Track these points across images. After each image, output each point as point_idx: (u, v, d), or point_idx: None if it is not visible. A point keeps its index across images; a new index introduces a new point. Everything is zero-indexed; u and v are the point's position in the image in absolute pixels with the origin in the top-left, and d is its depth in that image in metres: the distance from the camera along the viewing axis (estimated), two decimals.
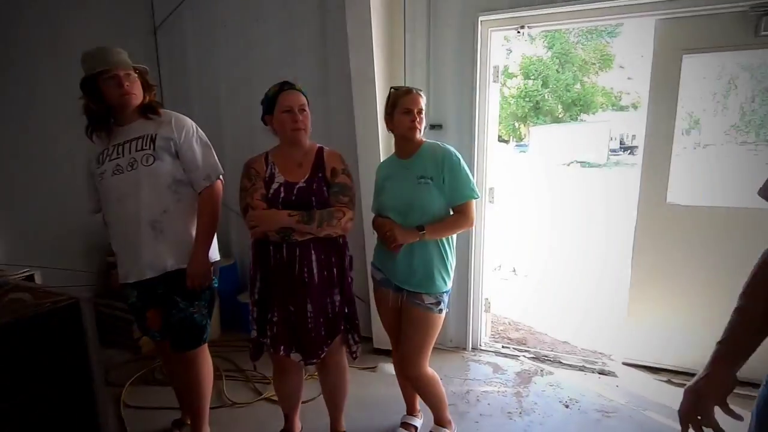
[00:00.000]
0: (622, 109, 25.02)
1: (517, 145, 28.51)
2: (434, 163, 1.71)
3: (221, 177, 1.82)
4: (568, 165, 19.65)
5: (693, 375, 2.03)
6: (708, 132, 2.81)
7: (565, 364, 2.73)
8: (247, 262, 1.98)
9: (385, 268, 1.84)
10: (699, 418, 0.91)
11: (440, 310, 1.78)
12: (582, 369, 2.68)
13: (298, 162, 1.68)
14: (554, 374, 2.61)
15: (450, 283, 1.81)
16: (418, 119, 1.71)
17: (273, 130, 1.70)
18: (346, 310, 1.75)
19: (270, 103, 1.66)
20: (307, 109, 1.67)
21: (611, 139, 21.28)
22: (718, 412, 0.90)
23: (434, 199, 1.70)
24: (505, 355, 2.84)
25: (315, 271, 1.66)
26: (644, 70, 2.53)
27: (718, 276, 2.37)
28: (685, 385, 0.96)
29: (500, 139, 31.87)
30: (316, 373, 2.11)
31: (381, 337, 2.64)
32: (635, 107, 23.48)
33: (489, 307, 2.98)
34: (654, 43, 2.39)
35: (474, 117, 2.59)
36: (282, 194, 1.63)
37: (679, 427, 0.97)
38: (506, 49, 21.55)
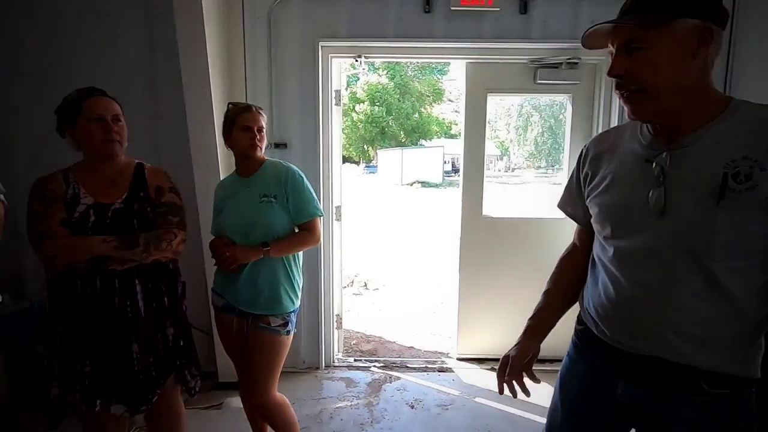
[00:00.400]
0: (452, 136, 28.83)
1: (367, 167, 30.23)
2: (277, 181, 1.68)
3: (3, 199, 1.47)
4: (411, 185, 21.65)
5: None
6: (515, 158, 3.42)
7: (410, 368, 2.95)
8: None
9: (227, 292, 1.73)
10: (510, 378, 1.12)
11: (288, 332, 1.74)
12: (425, 370, 2.93)
13: (112, 180, 1.47)
14: (401, 379, 2.79)
15: (298, 303, 1.79)
16: (258, 137, 1.68)
17: (75, 142, 1.45)
18: (182, 343, 1.57)
19: (71, 110, 1.41)
20: (122, 119, 1.47)
21: (445, 162, 24.34)
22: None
23: (278, 217, 1.67)
24: (357, 368, 2.92)
25: (141, 303, 1.45)
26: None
27: (526, 273, 2.88)
28: None
29: (351, 161, 33.35)
30: (144, 426, 1.83)
31: (226, 369, 2.44)
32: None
33: (341, 323, 3.04)
34: (466, 82, 2.85)
35: (318, 138, 2.67)
36: (92, 218, 1.40)
37: (501, 407, 1.17)
38: (354, 76, 22.85)
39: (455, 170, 27.94)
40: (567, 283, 1.14)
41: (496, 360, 3.02)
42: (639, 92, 0.85)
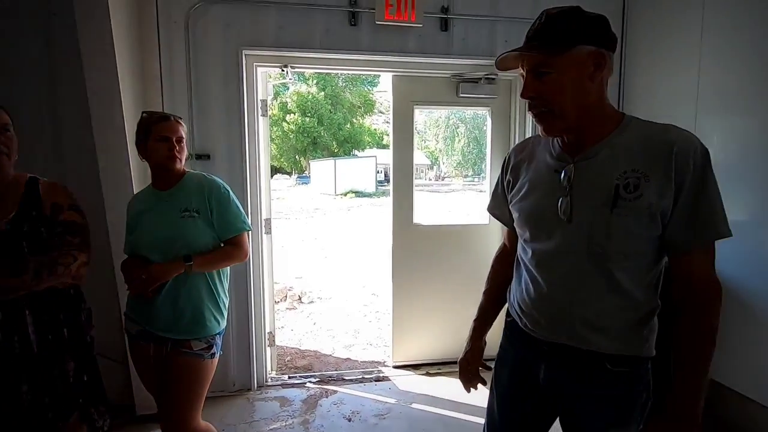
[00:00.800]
0: (385, 146, 29.36)
1: (299, 177, 29.71)
2: (200, 195, 1.58)
3: None
4: (345, 195, 21.62)
5: (443, 364, 2.49)
6: (444, 167, 3.55)
7: (347, 380, 2.91)
8: None
9: (143, 317, 1.58)
10: (469, 374, 1.26)
11: (212, 355, 1.62)
12: (362, 381, 2.91)
13: None
14: (338, 392, 2.74)
15: (223, 323, 1.69)
16: (177, 148, 1.57)
17: None
18: (85, 378, 1.41)
19: None
20: (11, 129, 1.31)
21: (378, 172, 24.66)
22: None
23: (201, 233, 1.57)
24: (292, 386, 2.82)
25: (33, 337, 1.28)
26: None
27: (457, 278, 2.99)
28: (438, 373, 1.35)
29: (283, 171, 32.58)
30: None
31: (145, 401, 2.23)
32: None
33: (273, 340, 2.93)
34: (392, 94, 2.92)
35: (244, 149, 2.57)
36: None
37: (436, 411, 1.26)
38: (283, 85, 22.43)
39: (388, 180, 28.41)
40: (502, 281, 1.25)
41: (431, 365, 3.13)
42: (548, 112, 0.94)
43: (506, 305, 1.22)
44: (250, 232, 1.72)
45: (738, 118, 2.23)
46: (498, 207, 1.21)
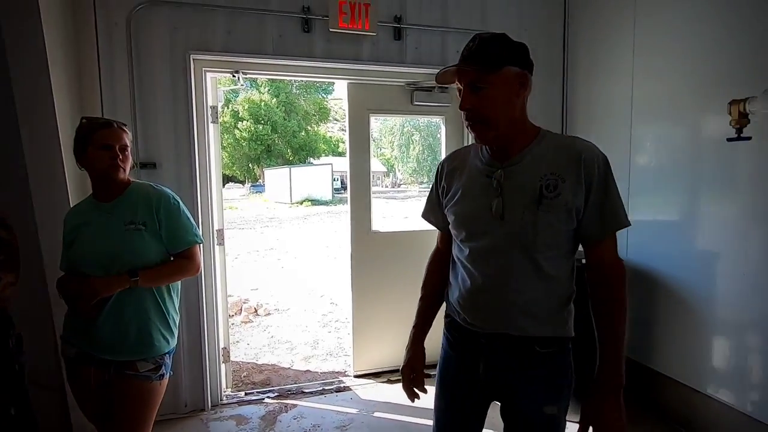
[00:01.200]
0: (340, 154, 29.28)
1: (252, 186, 28.93)
2: (147, 206, 1.49)
3: None
4: (301, 203, 21.29)
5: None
6: (400, 174, 3.57)
7: (307, 393, 2.84)
8: None
9: (83, 338, 1.46)
10: (413, 382, 1.28)
11: (161, 377, 1.52)
12: (322, 392, 2.85)
13: None
14: (298, 406, 2.67)
15: (173, 342, 1.59)
16: (120, 157, 1.47)
17: None
18: (13, 412, 1.27)
19: None
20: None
21: (335, 179, 24.49)
22: None
23: (148, 247, 1.48)
24: (249, 402, 2.71)
25: None
26: None
27: (416, 283, 2.98)
28: (400, 380, 1.29)
29: (235, 180, 31.63)
30: None
31: (85, 430, 2.05)
32: None
33: (228, 356, 2.81)
34: (348, 102, 2.91)
35: (193, 157, 2.46)
36: None
37: (398, 418, 1.31)
38: (233, 92, 21.84)
39: (344, 187, 28.35)
40: (437, 284, 1.32)
41: (392, 372, 3.12)
42: (482, 122, 1.06)
43: (443, 307, 1.30)
44: (201, 244, 1.64)
45: (668, 125, 2.43)
46: (432, 213, 1.31)
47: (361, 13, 2.57)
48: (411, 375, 1.27)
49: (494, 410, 1.20)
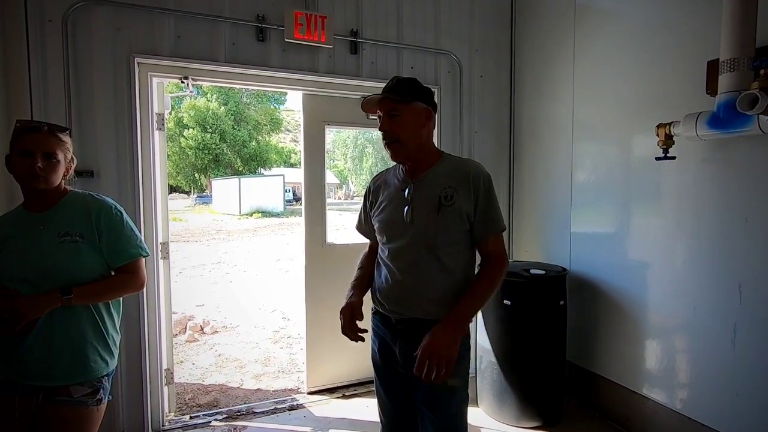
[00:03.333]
0: (292, 165, 28.88)
1: (199, 197, 27.69)
2: (85, 217, 1.39)
3: None
4: (251, 215, 20.64)
5: (359, 384, 2.54)
6: (354, 186, 3.56)
7: (258, 413, 2.72)
8: None
9: (6, 363, 1.32)
10: (352, 321, 1.47)
11: (98, 402, 1.40)
12: (274, 411, 2.74)
13: None
14: (248, 428, 2.54)
15: (113, 363, 1.47)
16: (41, 165, 1.33)
17: None
18: None
19: None
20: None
21: (287, 191, 23.98)
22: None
23: (85, 261, 1.36)
24: (194, 426, 2.55)
25: None
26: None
27: (367, 297, 2.99)
28: (355, 395, 1.38)
29: (180, 190, 30.22)
30: None
31: None
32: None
33: (171, 377, 2.63)
34: (303, 113, 2.89)
35: (137, 166, 2.32)
36: None
37: None
38: (177, 98, 20.94)
39: (297, 199, 27.90)
40: (369, 266, 1.57)
41: (348, 386, 3.07)
42: (395, 143, 1.34)
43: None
44: (146, 258, 1.54)
45: (604, 145, 2.62)
46: (364, 225, 1.59)
47: (317, 25, 2.57)
48: (350, 314, 1.44)
49: None
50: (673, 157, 2.04)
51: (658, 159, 2.07)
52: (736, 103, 1.63)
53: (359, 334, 1.45)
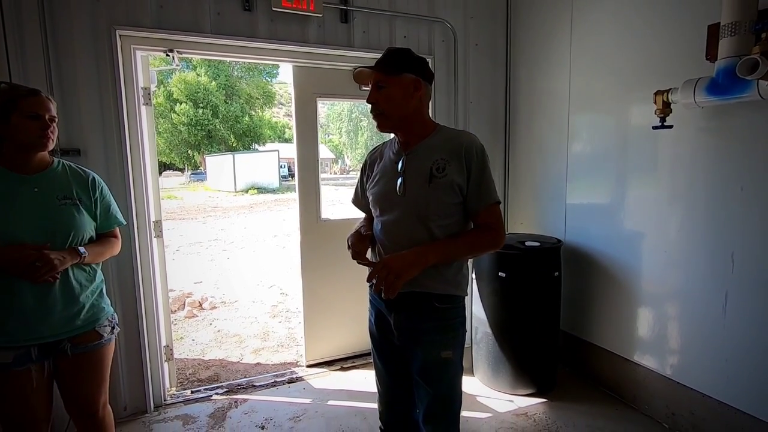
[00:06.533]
0: (287, 140, 28.47)
1: (193, 173, 27.42)
2: (82, 184, 1.51)
3: None
4: (246, 191, 20.52)
5: (357, 357, 2.58)
6: (349, 161, 3.51)
7: (258, 387, 2.77)
8: None
9: (23, 331, 1.36)
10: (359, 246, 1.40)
11: (113, 331, 1.60)
12: (274, 385, 2.79)
13: None
14: (249, 401, 2.60)
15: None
16: (51, 128, 1.42)
17: None
18: None
19: None
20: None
21: (282, 166, 23.71)
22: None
23: (84, 223, 1.48)
24: (196, 400, 2.60)
25: None
26: None
27: (362, 270, 3.00)
28: (353, 367, 1.41)
29: (174, 168, 29.89)
30: None
31: None
32: None
33: (171, 354, 2.66)
34: (294, 86, 2.81)
35: (124, 142, 2.26)
36: None
37: (352, 404, 1.83)
38: (165, 72, 20.41)
39: (292, 174, 27.65)
40: (370, 221, 1.54)
41: (346, 359, 3.13)
42: (381, 114, 1.34)
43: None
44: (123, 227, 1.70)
45: (600, 115, 2.58)
46: (360, 199, 1.56)
47: None
48: (357, 236, 1.41)
49: None
50: (670, 126, 2.01)
51: (655, 128, 2.04)
52: (736, 69, 1.59)
53: (366, 258, 1.38)
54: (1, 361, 1.36)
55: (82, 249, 1.44)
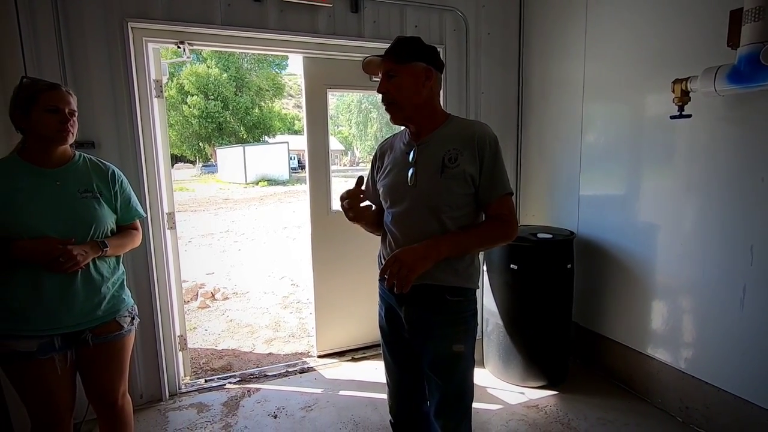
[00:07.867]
0: (296, 132, 28.54)
1: (204, 166, 27.66)
2: (102, 178, 1.53)
3: None
4: (257, 183, 20.64)
5: (368, 348, 2.54)
6: (359, 153, 3.49)
7: (270, 376, 2.81)
8: None
9: (46, 319, 1.39)
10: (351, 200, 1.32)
11: (132, 320, 1.63)
12: (286, 374, 2.83)
13: None
14: (261, 390, 2.64)
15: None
16: (71, 121, 1.44)
17: None
18: None
19: None
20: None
21: (291, 158, 23.78)
22: None
23: (105, 216, 1.50)
24: (210, 389, 2.65)
25: None
26: None
27: (372, 262, 3.01)
28: (364, 358, 1.44)
29: (185, 160, 30.15)
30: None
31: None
32: None
33: (185, 343, 2.70)
34: (304, 77, 2.80)
35: (137, 135, 2.28)
36: None
37: (363, 395, 1.83)
38: (177, 65, 20.51)
39: (302, 166, 27.70)
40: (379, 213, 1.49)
41: (357, 350, 3.15)
42: (393, 104, 1.31)
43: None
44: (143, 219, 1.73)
45: (616, 105, 2.53)
46: (371, 191, 1.50)
47: None
48: (349, 195, 1.31)
49: None
50: (689, 115, 1.96)
51: (672, 117, 1.99)
52: (760, 56, 1.54)
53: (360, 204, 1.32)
54: (25, 350, 1.39)
55: (104, 242, 1.47)
